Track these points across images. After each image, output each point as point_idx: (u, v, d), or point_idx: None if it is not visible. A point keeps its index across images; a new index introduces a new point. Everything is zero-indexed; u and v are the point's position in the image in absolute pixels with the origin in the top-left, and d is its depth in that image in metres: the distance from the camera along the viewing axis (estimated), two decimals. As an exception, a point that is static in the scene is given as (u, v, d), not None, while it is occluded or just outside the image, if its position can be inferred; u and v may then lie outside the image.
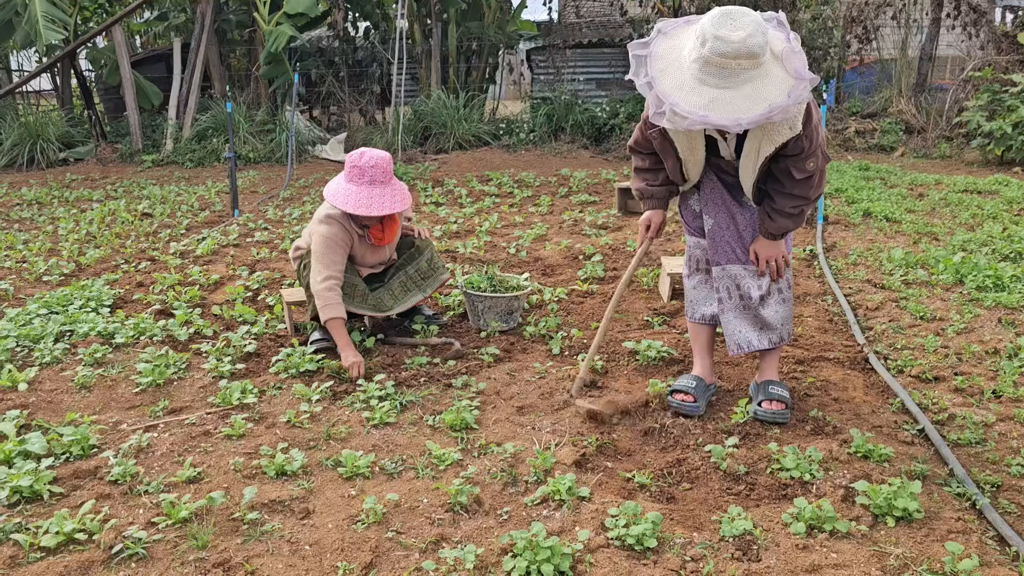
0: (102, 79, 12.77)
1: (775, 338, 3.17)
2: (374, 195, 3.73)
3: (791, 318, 3.20)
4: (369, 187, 3.74)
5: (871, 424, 3.10)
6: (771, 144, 2.79)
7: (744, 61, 2.52)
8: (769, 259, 3.07)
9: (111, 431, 3.18)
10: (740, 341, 3.17)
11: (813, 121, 2.79)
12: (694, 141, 2.97)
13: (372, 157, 3.76)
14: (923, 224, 6.22)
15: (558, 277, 5.20)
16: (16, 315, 4.42)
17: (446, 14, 12.43)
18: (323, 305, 3.70)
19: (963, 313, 4.23)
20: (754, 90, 2.54)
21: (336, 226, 3.80)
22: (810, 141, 2.79)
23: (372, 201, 3.72)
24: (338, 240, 3.79)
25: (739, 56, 2.51)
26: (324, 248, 3.76)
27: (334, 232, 3.79)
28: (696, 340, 3.39)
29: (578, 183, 8.66)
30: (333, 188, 3.79)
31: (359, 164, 3.75)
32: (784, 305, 3.16)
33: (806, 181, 2.88)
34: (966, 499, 2.58)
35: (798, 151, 2.80)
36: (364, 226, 3.89)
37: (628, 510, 2.45)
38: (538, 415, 3.24)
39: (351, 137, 11.92)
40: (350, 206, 3.70)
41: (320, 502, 2.64)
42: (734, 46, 2.50)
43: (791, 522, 2.44)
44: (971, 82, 10.62)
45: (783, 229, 3.00)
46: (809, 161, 2.83)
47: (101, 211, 7.66)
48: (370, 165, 3.74)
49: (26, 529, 2.48)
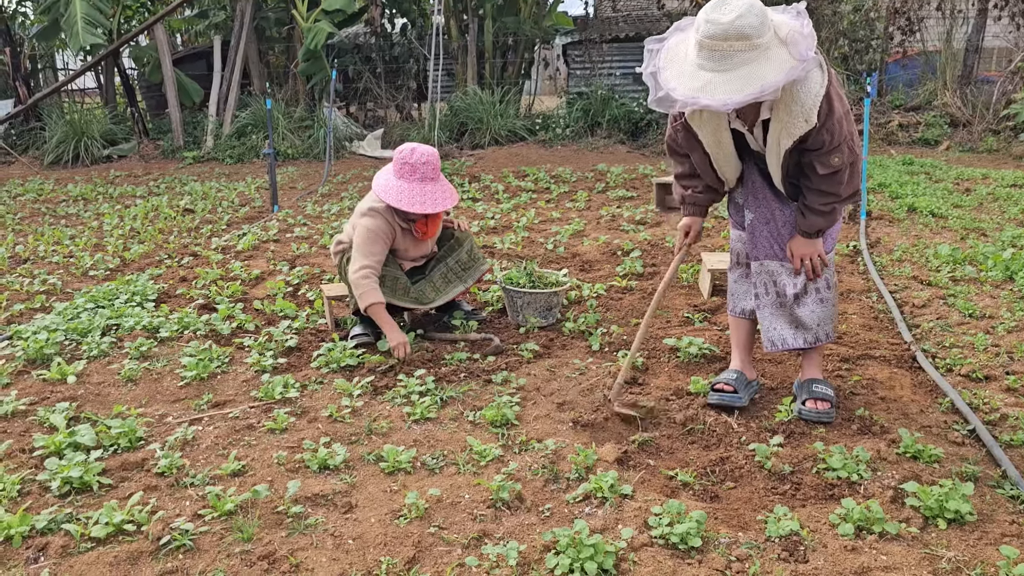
0: (144, 77, 12.99)
1: (810, 338, 3.09)
2: (426, 192, 3.76)
3: (831, 319, 3.11)
4: (420, 184, 3.77)
5: (920, 424, 3.04)
6: (789, 137, 2.74)
7: (736, 43, 2.51)
8: (804, 257, 3.01)
9: (157, 424, 3.23)
10: (774, 338, 3.12)
11: (836, 115, 2.69)
12: (719, 133, 2.93)
13: (423, 154, 3.79)
14: (970, 219, 6.08)
15: (596, 273, 5.17)
16: (64, 309, 4.51)
17: (482, 9, 12.43)
18: (360, 293, 3.74)
19: (1014, 311, 4.13)
20: (750, 72, 2.53)
21: (380, 219, 3.83)
22: (831, 135, 2.71)
23: (425, 198, 3.75)
24: (381, 233, 3.82)
25: (728, 37, 2.51)
26: (366, 239, 3.79)
27: (378, 225, 3.82)
28: (735, 334, 3.35)
29: (615, 178, 8.61)
30: (384, 184, 3.81)
31: (410, 161, 3.77)
32: (822, 306, 3.08)
33: (832, 177, 2.80)
34: (1020, 501, 2.52)
35: (819, 145, 2.74)
36: (411, 220, 3.91)
37: (672, 508, 2.42)
38: (579, 411, 3.22)
39: (388, 133, 11.98)
40: (404, 203, 3.72)
41: (363, 496, 2.65)
42: (723, 27, 2.50)
43: (839, 523, 2.40)
44: (1019, 74, 10.36)
45: (815, 227, 2.93)
46: (833, 156, 2.75)
47: (144, 207, 7.79)
48: (422, 162, 3.77)
49: (77, 519, 2.53)
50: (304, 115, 11.86)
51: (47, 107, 12.32)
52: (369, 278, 3.76)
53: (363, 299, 3.74)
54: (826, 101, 2.68)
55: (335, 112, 11.65)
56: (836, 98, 2.72)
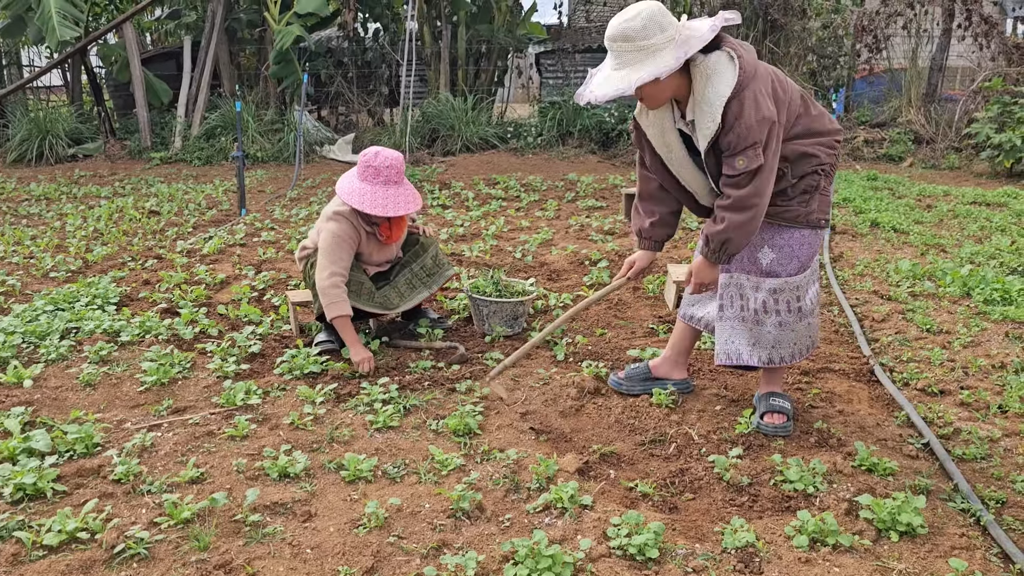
0: (112, 76, 12.80)
1: (764, 357, 3.09)
2: (389, 195, 3.76)
3: (791, 343, 3.07)
4: (384, 187, 3.77)
5: (876, 437, 3.09)
6: (704, 138, 2.83)
7: (623, 43, 2.74)
8: (697, 282, 3.04)
9: (115, 429, 3.19)
10: (730, 351, 3.12)
11: (746, 119, 2.70)
12: (666, 135, 3.00)
13: (387, 157, 3.79)
14: (931, 235, 6.20)
15: (564, 282, 5.20)
16: (23, 311, 4.44)
17: (456, 16, 12.45)
18: (328, 303, 3.71)
19: (970, 326, 4.22)
20: (630, 71, 2.75)
21: (345, 223, 3.82)
22: (738, 137, 2.73)
23: (388, 201, 3.75)
24: (346, 237, 3.81)
25: (615, 39, 2.76)
26: (332, 245, 3.78)
27: (343, 229, 3.81)
28: (677, 335, 3.46)
29: (585, 188, 8.66)
30: (347, 187, 3.80)
31: (374, 164, 3.77)
32: (780, 329, 3.05)
33: (733, 179, 2.78)
34: (970, 515, 2.57)
35: (726, 147, 2.78)
36: (374, 224, 3.91)
37: (630, 519, 2.44)
38: (542, 421, 3.23)
39: (359, 138, 11.94)
40: (367, 206, 3.72)
41: (322, 505, 2.64)
42: (612, 30, 2.76)
43: (794, 535, 2.43)
44: (981, 93, 10.59)
45: (716, 245, 2.87)
46: (738, 159, 2.75)
47: (109, 208, 7.68)
48: (385, 165, 3.77)
49: (29, 527, 2.49)
50: (274, 118, 11.77)
51: (11, 104, 12.10)
52: (338, 287, 3.74)
53: (331, 309, 3.72)
54: (737, 103, 2.72)
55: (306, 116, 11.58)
56: (753, 103, 2.72)
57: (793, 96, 2.90)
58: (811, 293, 3.08)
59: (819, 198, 2.96)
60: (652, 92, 2.82)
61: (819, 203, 2.97)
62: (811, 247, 3.03)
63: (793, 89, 2.92)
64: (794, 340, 3.09)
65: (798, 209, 2.94)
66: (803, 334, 3.10)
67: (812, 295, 3.08)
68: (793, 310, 3.05)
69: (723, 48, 2.80)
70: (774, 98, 2.79)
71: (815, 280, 3.10)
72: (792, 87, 2.93)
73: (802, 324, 3.08)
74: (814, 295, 3.09)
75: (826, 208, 3.00)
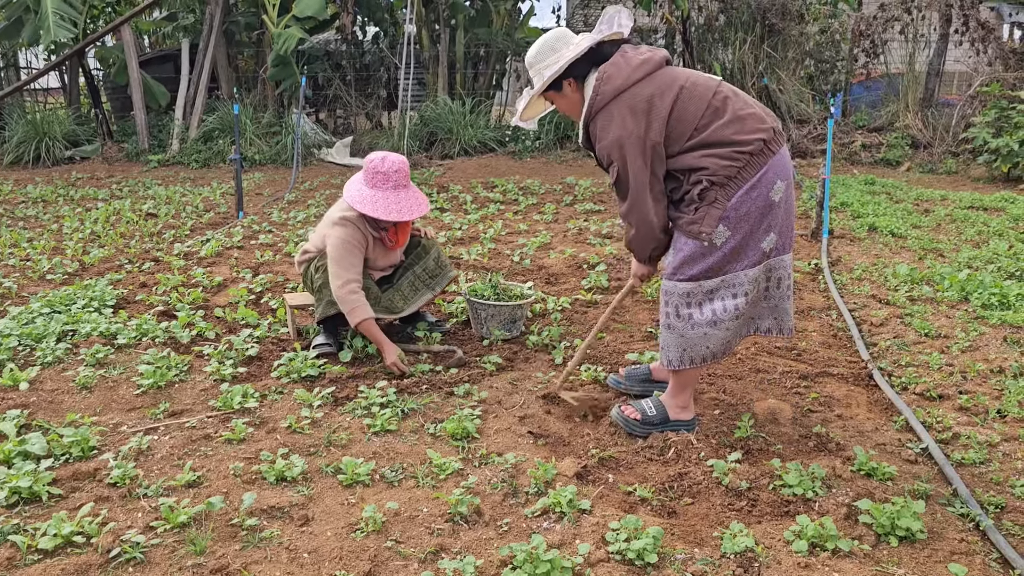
0: (110, 78, 12.79)
1: (662, 359, 3.07)
2: (400, 199, 3.77)
3: (677, 347, 2.98)
4: (394, 192, 3.78)
5: (874, 442, 3.08)
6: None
7: (529, 69, 3.07)
8: (636, 275, 3.27)
9: (111, 433, 3.17)
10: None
11: (600, 141, 2.91)
12: None
13: (394, 162, 3.80)
14: (928, 240, 6.21)
15: (562, 286, 5.19)
16: (19, 313, 4.42)
17: (454, 20, 12.45)
18: (349, 310, 3.73)
19: (968, 331, 4.21)
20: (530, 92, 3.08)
21: (352, 228, 3.82)
22: (600, 157, 2.95)
23: (400, 206, 3.76)
24: (355, 243, 3.82)
25: (526, 65, 3.08)
26: (342, 251, 3.77)
27: (351, 234, 3.81)
28: None
29: (583, 192, 8.66)
30: (357, 194, 3.80)
31: (382, 169, 3.77)
32: (667, 331, 3.01)
33: (615, 187, 2.97)
34: (970, 520, 2.57)
35: (597, 161, 3.01)
36: (382, 229, 3.91)
37: (629, 524, 2.43)
38: (540, 425, 3.22)
39: (357, 141, 11.93)
40: (380, 212, 3.72)
41: (319, 509, 2.63)
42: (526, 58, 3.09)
43: (793, 540, 2.42)
44: (978, 98, 10.60)
45: (625, 244, 3.12)
46: (608, 174, 2.97)
47: (106, 210, 7.66)
48: (393, 170, 3.78)
49: (24, 531, 2.47)
50: (272, 121, 11.76)
51: (8, 106, 12.08)
52: (356, 292, 3.75)
53: (353, 315, 3.73)
54: (594, 124, 2.93)
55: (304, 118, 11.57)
56: (607, 124, 2.88)
57: (686, 109, 2.81)
58: (716, 305, 2.91)
59: (709, 211, 2.80)
60: (562, 108, 3.12)
61: (708, 216, 2.80)
62: (706, 261, 2.86)
63: (696, 100, 2.82)
64: (681, 345, 2.98)
65: (685, 218, 2.87)
66: (696, 343, 2.96)
67: (716, 308, 2.91)
68: (683, 316, 2.95)
69: (596, 69, 2.95)
70: (647, 114, 2.80)
71: (725, 297, 2.91)
72: (695, 98, 2.82)
73: (694, 332, 2.94)
74: (721, 310, 2.91)
75: (713, 223, 2.79)
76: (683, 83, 2.86)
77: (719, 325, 2.94)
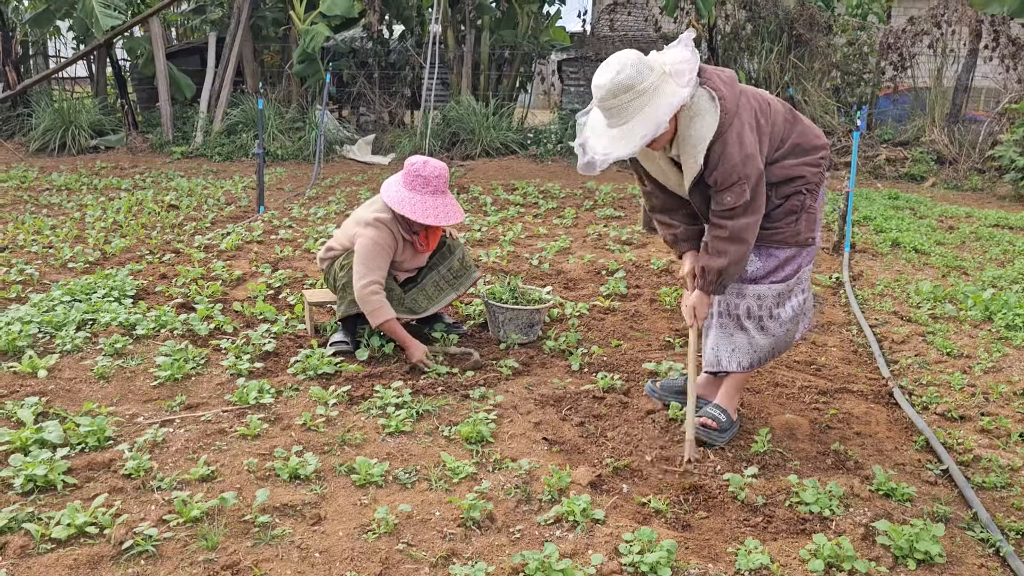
0: (137, 69, 12.90)
1: (745, 362, 3.09)
2: (439, 205, 3.80)
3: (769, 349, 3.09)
4: (433, 196, 3.81)
5: (894, 461, 3.04)
6: (688, 177, 2.87)
7: (623, 96, 2.70)
8: (701, 317, 3.05)
9: (127, 423, 3.18)
10: (711, 359, 3.15)
11: (731, 160, 2.73)
12: (660, 162, 3.01)
13: (435, 167, 3.83)
14: (952, 257, 6.14)
15: (580, 291, 5.17)
16: (40, 301, 4.45)
17: (480, 21, 12.46)
18: (371, 311, 3.75)
19: (991, 351, 4.15)
20: (645, 115, 2.70)
21: (385, 231, 3.83)
22: (724, 176, 2.76)
23: (439, 211, 3.79)
24: (385, 245, 3.83)
25: (614, 93, 2.70)
26: (371, 252, 3.78)
27: (383, 236, 3.82)
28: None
29: (603, 197, 8.63)
30: (396, 196, 3.81)
31: (423, 173, 3.79)
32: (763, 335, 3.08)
33: (723, 214, 2.82)
34: (990, 545, 2.52)
35: (713, 184, 2.81)
36: (415, 232, 3.92)
37: (643, 536, 2.41)
38: (555, 431, 3.20)
39: (379, 139, 11.96)
40: (418, 215, 3.73)
41: (332, 509, 2.62)
42: (605, 88, 2.71)
43: (809, 559, 2.39)
44: (1006, 115, 10.49)
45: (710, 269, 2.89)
46: (726, 195, 2.79)
47: (128, 200, 7.72)
48: (434, 175, 3.81)
49: (38, 519, 2.48)
50: (296, 116, 11.81)
51: (36, 94, 12.20)
52: (378, 293, 3.77)
53: (375, 316, 3.75)
54: (720, 144, 2.75)
55: (327, 115, 11.61)
56: (736, 142, 2.74)
57: (776, 119, 2.89)
58: (794, 301, 3.08)
59: (806, 217, 2.96)
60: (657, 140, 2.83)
61: (806, 222, 2.96)
62: (797, 261, 3.03)
63: (777, 111, 2.91)
64: (772, 345, 3.09)
65: (785, 231, 2.95)
66: (781, 339, 3.10)
67: (795, 303, 3.08)
68: (775, 316, 3.05)
69: (704, 86, 2.79)
70: (756, 129, 2.81)
71: (802, 290, 3.10)
72: (776, 109, 2.92)
73: (781, 330, 3.08)
74: (797, 303, 3.09)
75: (812, 226, 2.98)
76: (760, 95, 2.90)
77: (796, 320, 3.10)
